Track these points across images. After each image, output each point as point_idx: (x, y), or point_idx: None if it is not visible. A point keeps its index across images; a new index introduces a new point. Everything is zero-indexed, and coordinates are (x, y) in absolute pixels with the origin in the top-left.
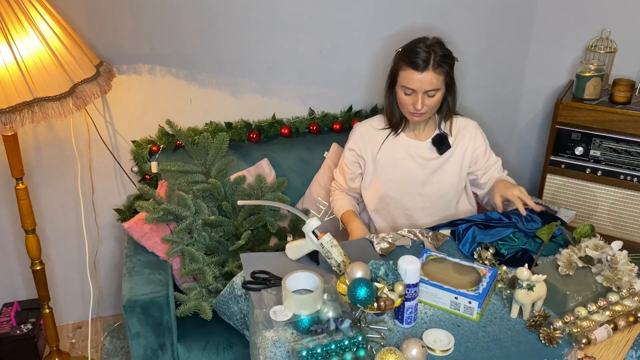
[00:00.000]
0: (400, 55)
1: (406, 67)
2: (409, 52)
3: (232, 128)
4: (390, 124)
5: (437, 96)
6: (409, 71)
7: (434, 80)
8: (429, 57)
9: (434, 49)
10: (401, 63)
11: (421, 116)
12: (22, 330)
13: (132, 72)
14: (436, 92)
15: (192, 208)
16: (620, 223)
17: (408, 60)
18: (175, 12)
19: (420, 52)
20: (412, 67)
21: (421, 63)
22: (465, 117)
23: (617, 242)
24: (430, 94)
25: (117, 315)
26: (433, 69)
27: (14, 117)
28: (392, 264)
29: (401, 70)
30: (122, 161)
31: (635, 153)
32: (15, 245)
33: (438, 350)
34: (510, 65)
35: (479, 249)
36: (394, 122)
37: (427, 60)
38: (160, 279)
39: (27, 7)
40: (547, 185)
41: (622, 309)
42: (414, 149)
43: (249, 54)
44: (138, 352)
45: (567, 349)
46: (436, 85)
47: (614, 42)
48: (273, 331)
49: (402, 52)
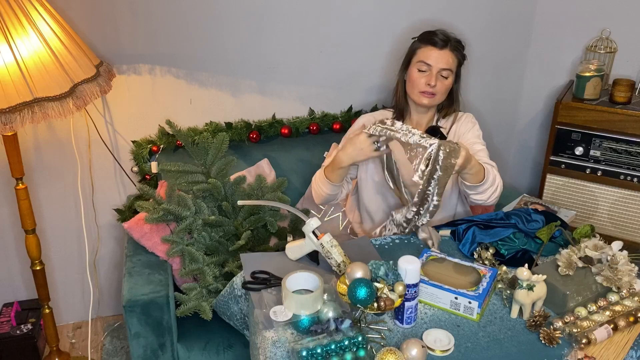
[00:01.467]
0: (418, 38)
1: (425, 44)
2: (428, 34)
3: (232, 128)
4: (396, 108)
5: (449, 79)
6: (428, 47)
7: (450, 60)
8: (447, 39)
9: (450, 35)
10: (419, 44)
11: (431, 97)
12: (22, 330)
13: (132, 72)
14: (449, 74)
15: (192, 208)
16: (620, 223)
17: (427, 39)
18: (175, 12)
19: (438, 34)
20: (431, 44)
21: (440, 41)
22: (461, 112)
23: (617, 242)
24: (444, 75)
25: (117, 315)
26: (450, 49)
27: (14, 117)
28: (392, 264)
29: (419, 49)
30: (122, 161)
31: (635, 153)
32: (15, 245)
33: (438, 350)
34: (510, 65)
35: (479, 249)
36: (400, 107)
37: (446, 41)
38: (160, 279)
39: (27, 7)
40: (547, 185)
41: (622, 309)
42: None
43: (249, 54)
44: (138, 352)
45: (567, 349)
46: (451, 66)
47: (614, 42)
48: (273, 331)
49: (420, 36)
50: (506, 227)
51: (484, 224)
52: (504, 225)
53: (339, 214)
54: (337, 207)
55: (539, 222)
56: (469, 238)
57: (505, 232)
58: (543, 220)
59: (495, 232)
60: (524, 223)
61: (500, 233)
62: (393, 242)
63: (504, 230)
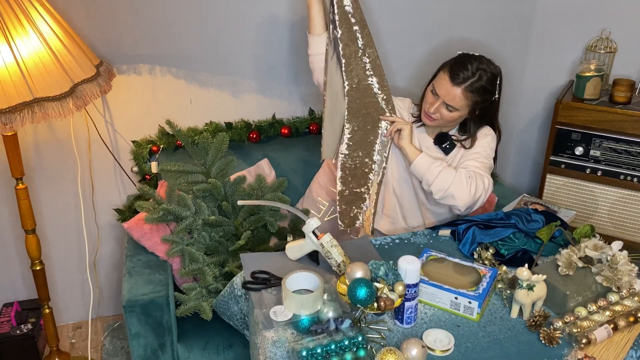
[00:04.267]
0: (452, 59)
1: (445, 72)
2: (459, 62)
3: (232, 128)
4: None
5: (454, 114)
6: (445, 76)
7: (457, 99)
8: (468, 78)
9: (481, 75)
10: (446, 66)
11: (432, 120)
12: (22, 330)
13: (132, 72)
14: (455, 111)
15: (192, 208)
16: (620, 223)
17: (451, 67)
18: (176, 12)
19: (466, 70)
20: (449, 74)
21: (457, 77)
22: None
23: (617, 242)
24: (449, 109)
25: (117, 315)
26: (464, 89)
27: (14, 117)
28: (392, 264)
29: (441, 71)
30: (122, 161)
31: (635, 153)
32: (15, 245)
33: (438, 350)
34: (510, 65)
35: (479, 249)
36: (418, 114)
37: (466, 80)
38: (160, 279)
39: (27, 7)
40: (547, 185)
41: (622, 309)
42: (424, 146)
43: (249, 54)
44: (138, 352)
45: (567, 349)
46: (458, 105)
47: (614, 42)
48: (273, 331)
49: (455, 58)
50: (506, 227)
51: (484, 224)
52: (504, 225)
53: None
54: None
55: (539, 222)
56: (469, 238)
57: (505, 232)
58: (543, 220)
59: (495, 232)
60: (524, 223)
61: (500, 233)
62: (393, 242)
63: (504, 230)
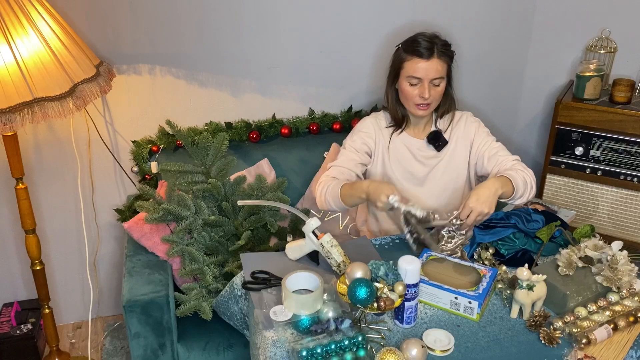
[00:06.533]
0: (402, 48)
1: (411, 56)
2: (412, 43)
3: (232, 128)
4: (395, 121)
5: (441, 86)
6: (414, 60)
7: (439, 68)
8: (432, 46)
9: (434, 40)
10: (405, 55)
11: (427, 108)
12: (22, 330)
13: (132, 72)
14: (441, 81)
15: (192, 208)
16: (620, 223)
17: (412, 50)
18: (175, 12)
19: (422, 42)
20: (417, 56)
21: (425, 51)
22: (459, 111)
23: (617, 242)
24: (436, 83)
25: (117, 315)
26: (438, 56)
27: (14, 117)
28: (392, 264)
29: (405, 62)
30: (122, 161)
31: (635, 153)
32: (15, 245)
33: (438, 350)
34: (510, 65)
35: (479, 249)
36: (398, 118)
37: (431, 49)
38: (160, 279)
39: (27, 7)
40: (547, 185)
41: (622, 309)
42: (415, 148)
43: (249, 54)
44: (138, 352)
45: (567, 349)
46: (441, 73)
47: (614, 42)
48: (273, 331)
49: (404, 45)
50: (506, 227)
51: (484, 224)
52: (504, 225)
53: (339, 214)
54: None
55: (539, 222)
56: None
57: (505, 232)
58: (543, 220)
59: (495, 232)
60: (524, 223)
61: (500, 233)
62: (393, 242)
63: (504, 230)
